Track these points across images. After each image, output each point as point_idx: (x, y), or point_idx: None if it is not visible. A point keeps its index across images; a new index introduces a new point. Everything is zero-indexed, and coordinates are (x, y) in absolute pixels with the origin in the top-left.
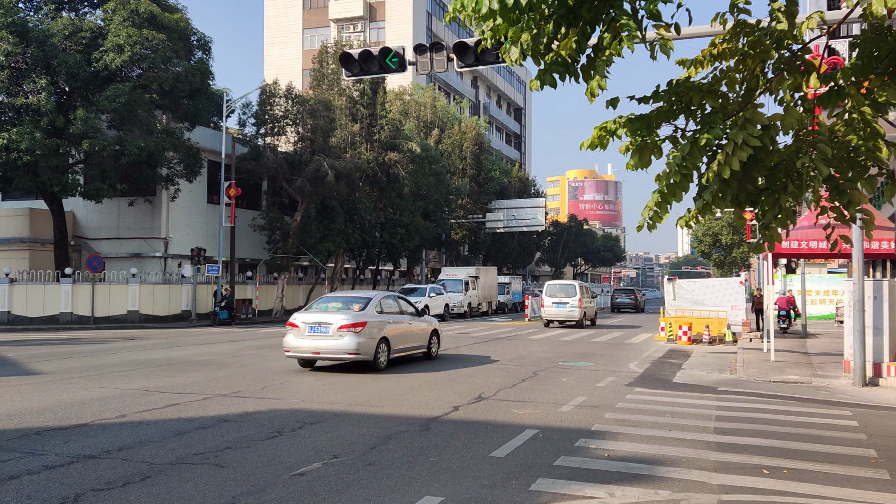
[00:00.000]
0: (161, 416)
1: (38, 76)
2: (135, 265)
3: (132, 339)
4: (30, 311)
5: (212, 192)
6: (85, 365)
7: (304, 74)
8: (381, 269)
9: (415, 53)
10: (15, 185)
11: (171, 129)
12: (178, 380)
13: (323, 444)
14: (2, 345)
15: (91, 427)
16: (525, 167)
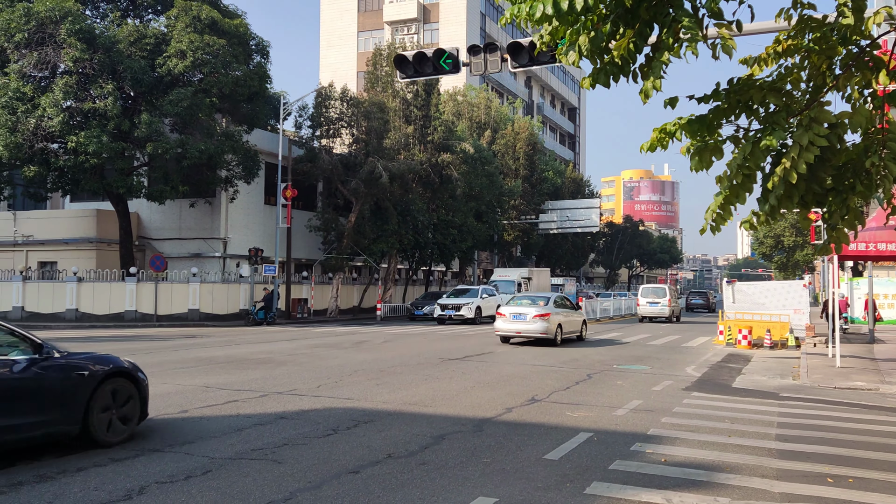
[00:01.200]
0: (221, 412)
1: (105, 82)
2: (195, 265)
3: (193, 336)
4: (97, 308)
5: (269, 193)
6: (149, 361)
7: (359, 77)
8: (434, 270)
9: (468, 54)
10: (83, 186)
11: (231, 132)
12: (236, 377)
13: (377, 442)
14: (70, 341)
15: (155, 421)
16: (579, 167)
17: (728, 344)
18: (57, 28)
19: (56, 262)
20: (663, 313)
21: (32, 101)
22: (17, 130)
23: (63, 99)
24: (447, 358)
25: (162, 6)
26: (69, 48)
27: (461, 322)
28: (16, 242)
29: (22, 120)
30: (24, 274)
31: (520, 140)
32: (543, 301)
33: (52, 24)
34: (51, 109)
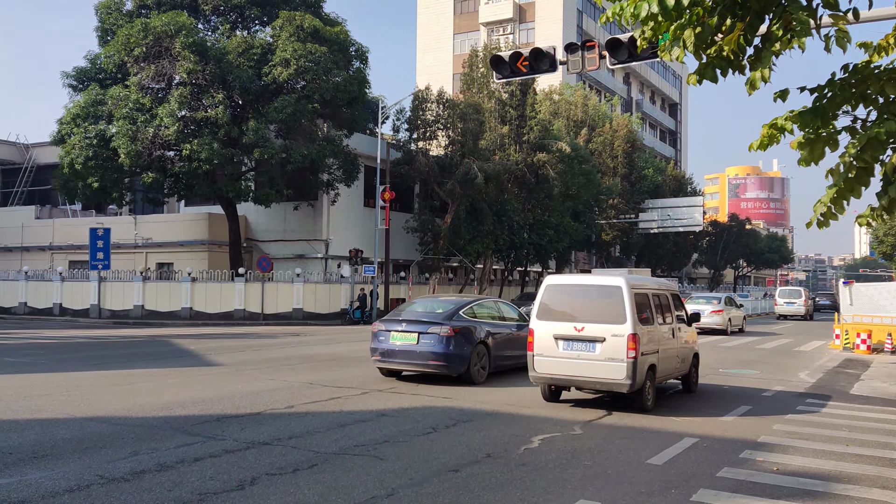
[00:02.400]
0: (325, 409)
1: (216, 91)
2: (299, 265)
3: (297, 335)
4: (209, 307)
5: (368, 195)
6: (256, 358)
7: (455, 79)
8: (530, 271)
9: (565, 52)
10: (196, 191)
11: (332, 136)
12: (338, 374)
13: (476, 442)
14: (185, 338)
15: (263, 416)
16: (680, 165)
17: (845, 348)
18: (172, 42)
19: (172, 263)
20: (799, 311)
21: (150, 112)
22: (137, 139)
23: (178, 109)
24: None
25: (268, 17)
26: (183, 60)
27: None
28: (136, 245)
29: (141, 129)
30: (144, 274)
31: (618, 138)
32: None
33: (168, 38)
34: (167, 119)
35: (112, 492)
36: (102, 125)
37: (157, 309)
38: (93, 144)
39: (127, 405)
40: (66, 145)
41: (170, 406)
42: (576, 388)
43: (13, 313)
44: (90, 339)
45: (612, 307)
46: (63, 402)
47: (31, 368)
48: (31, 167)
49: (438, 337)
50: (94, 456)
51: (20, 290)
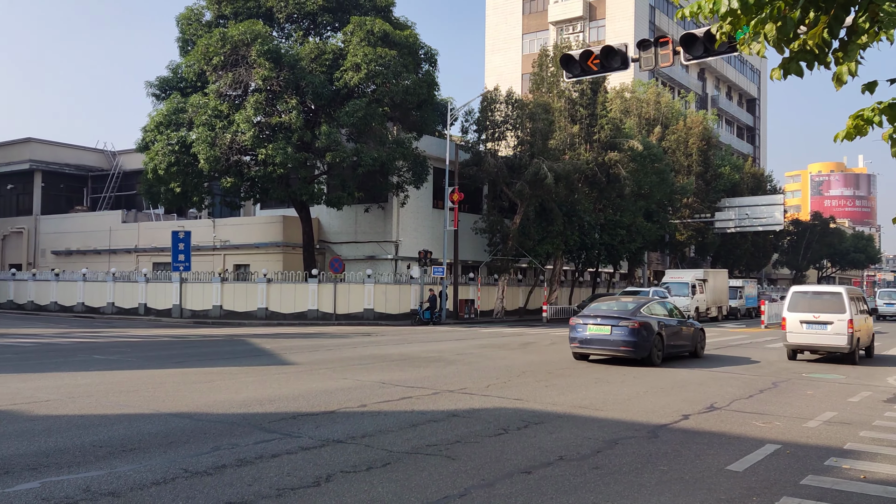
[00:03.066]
0: (396, 408)
1: (290, 97)
2: (369, 266)
3: (368, 335)
4: (283, 307)
5: (437, 197)
6: (330, 357)
7: (524, 79)
8: (601, 272)
9: (638, 49)
10: (271, 195)
11: (401, 139)
12: (409, 374)
13: (548, 444)
14: (261, 338)
15: (337, 414)
16: (759, 162)
17: None
18: (248, 50)
19: (248, 264)
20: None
21: (228, 118)
22: (215, 145)
23: (254, 115)
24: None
25: (339, 23)
26: (259, 68)
27: None
28: (215, 247)
29: (219, 136)
30: (222, 276)
31: (692, 135)
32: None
33: (244, 47)
34: (244, 125)
35: (196, 485)
36: (183, 132)
37: (235, 309)
38: (174, 151)
39: (208, 402)
40: (150, 152)
41: (248, 403)
42: (810, 351)
43: (102, 313)
44: (172, 338)
45: (837, 304)
46: (149, 398)
47: (119, 366)
48: (118, 173)
49: (628, 329)
50: (178, 450)
51: (108, 291)
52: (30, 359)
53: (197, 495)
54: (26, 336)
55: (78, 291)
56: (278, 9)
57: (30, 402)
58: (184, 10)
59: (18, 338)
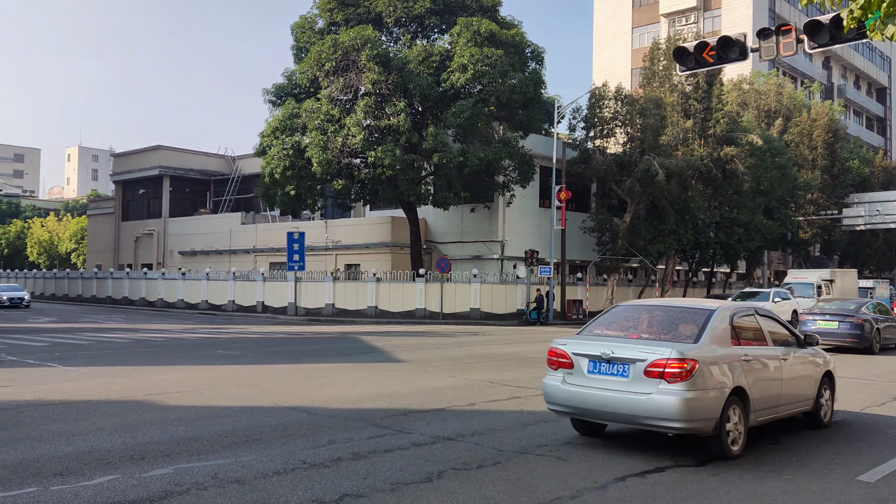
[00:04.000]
0: (505, 408)
1: (398, 100)
2: (475, 266)
3: (475, 334)
4: (392, 306)
5: (543, 196)
6: (438, 356)
7: (633, 74)
8: (716, 272)
9: (757, 39)
10: (380, 196)
11: (507, 138)
12: (517, 374)
13: (664, 448)
14: (371, 335)
15: (447, 412)
16: (891, 155)
17: None
18: (358, 55)
19: (359, 264)
20: None
21: (339, 122)
22: (327, 149)
23: (363, 118)
24: None
25: (446, 25)
26: (368, 72)
27: None
28: (327, 247)
29: (331, 139)
30: (334, 275)
31: (817, 127)
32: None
33: (355, 52)
34: (354, 128)
35: (314, 476)
36: (297, 137)
37: (346, 307)
38: (289, 155)
39: (323, 397)
40: (267, 157)
41: (360, 399)
42: None
43: (224, 310)
44: (288, 335)
45: None
46: (268, 392)
47: (240, 360)
48: (237, 177)
49: (853, 324)
50: (296, 442)
51: (229, 290)
52: (161, 353)
53: (315, 486)
54: (157, 331)
55: (202, 290)
56: (387, 13)
57: (162, 392)
58: (298, 19)
59: (151, 333)
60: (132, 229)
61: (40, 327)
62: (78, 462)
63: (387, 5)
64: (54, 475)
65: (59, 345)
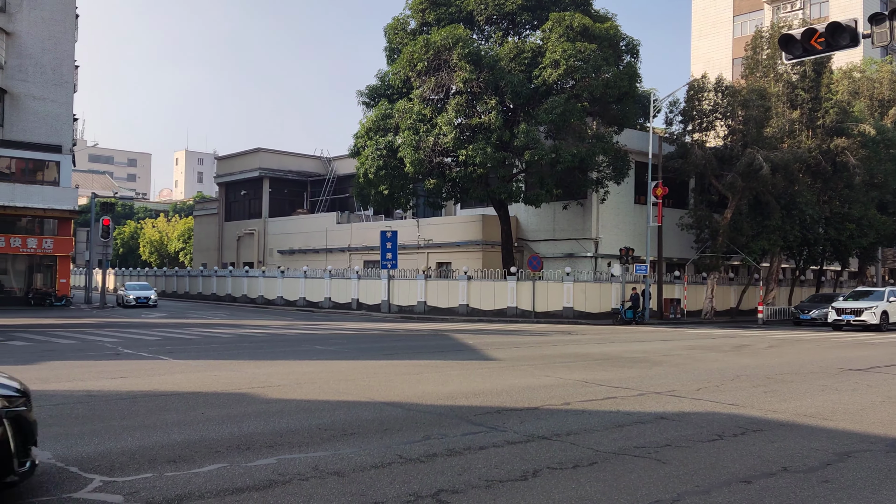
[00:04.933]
0: (600, 408)
1: (489, 98)
2: (568, 264)
3: (568, 333)
4: (483, 304)
5: (638, 192)
6: (530, 354)
7: (734, 64)
8: (826, 270)
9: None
10: (471, 194)
11: (601, 134)
12: (612, 374)
13: (769, 453)
14: (463, 333)
15: (541, 411)
16: None
17: None
18: (450, 54)
19: (450, 262)
20: None
21: (431, 122)
22: (419, 148)
23: (455, 117)
24: (847, 368)
25: (538, 21)
26: (460, 71)
27: (862, 328)
28: (419, 246)
29: (423, 139)
30: (426, 273)
31: None
32: None
33: (446, 51)
34: (445, 127)
35: (410, 471)
36: (390, 137)
37: (438, 305)
38: (382, 155)
39: (417, 393)
40: (361, 157)
41: (454, 396)
42: None
43: (320, 307)
44: (382, 332)
45: None
46: (364, 387)
47: (337, 356)
48: (333, 178)
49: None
50: (392, 437)
51: (325, 287)
52: (262, 347)
53: (412, 480)
54: (258, 327)
55: (300, 287)
56: (478, 11)
57: (264, 386)
58: (390, 21)
59: (252, 328)
60: (234, 229)
61: (152, 322)
62: (189, 450)
63: (478, 3)
64: (168, 462)
65: (170, 339)
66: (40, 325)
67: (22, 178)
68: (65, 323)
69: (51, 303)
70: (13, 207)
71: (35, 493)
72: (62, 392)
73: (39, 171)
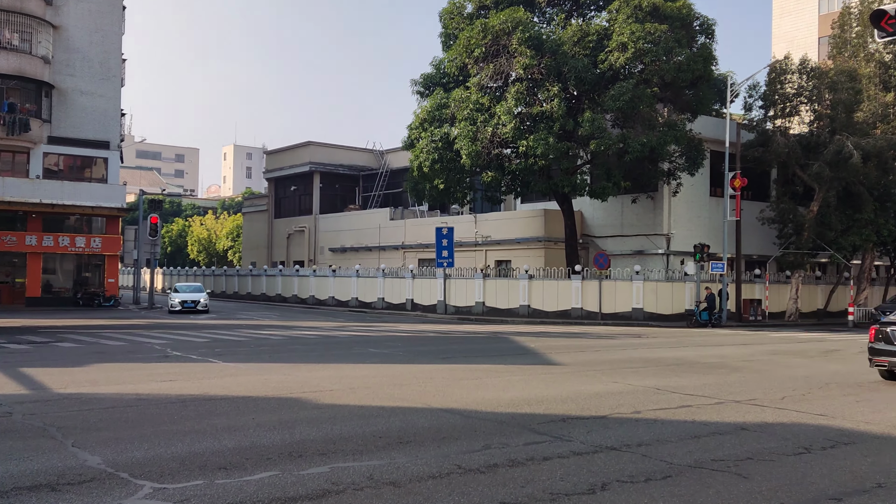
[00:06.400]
0: (674, 417)
1: (551, 84)
2: (637, 262)
3: (638, 336)
4: (546, 305)
5: (714, 184)
6: (597, 359)
7: (820, 44)
8: None
9: None
10: (532, 188)
11: (673, 121)
12: (687, 381)
13: (862, 468)
14: (524, 335)
15: (609, 420)
16: None
17: None
18: (509, 39)
19: (510, 260)
20: None
21: (489, 111)
22: (477, 140)
23: (514, 106)
24: None
25: (604, 1)
26: (520, 56)
27: None
28: (476, 243)
29: (481, 129)
30: (484, 272)
31: None
32: None
33: (505, 36)
34: (504, 117)
35: (469, 482)
36: (446, 128)
37: (496, 306)
38: (438, 147)
39: (476, 399)
40: (415, 149)
41: (516, 403)
42: None
43: (373, 308)
44: (438, 334)
45: None
46: (420, 392)
47: (391, 359)
48: (386, 172)
49: None
50: (450, 446)
51: (378, 287)
52: (314, 350)
53: (471, 492)
54: (310, 329)
55: (352, 287)
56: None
57: (316, 391)
58: (446, 5)
59: (303, 330)
60: (284, 226)
61: (201, 323)
62: (240, 457)
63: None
64: (219, 469)
65: (219, 341)
66: (89, 327)
67: (70, 175)
68: (113, 324)
69: (99, 303)
70: (61, 206)
71: (85, 498)
72: (112, 395)
73: (87, 168)
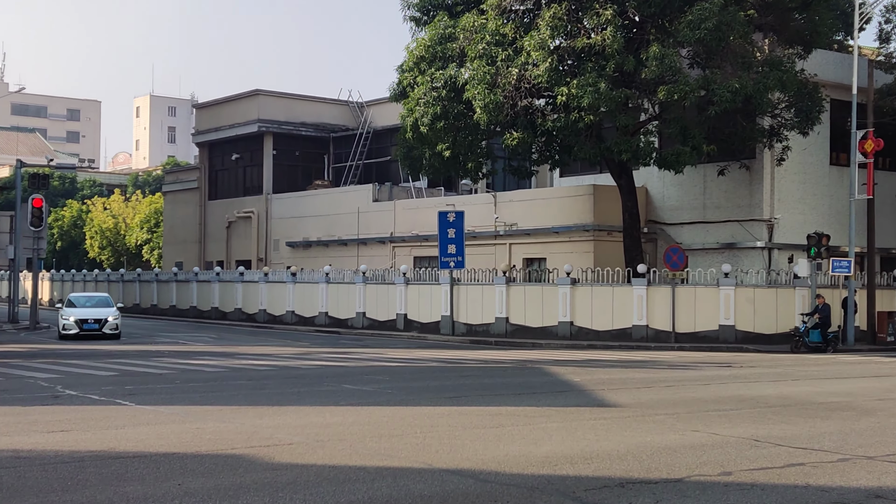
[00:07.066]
0: (780, 480)
1: (602, 7)
2: (726, 259)
3: (727, 365)
4: (595, 322)
5: (836, 148)
6: (669, 398)
7: None
8: None
9: None
10: (575, 154)
11: (776, 58)
12: (798, 428)
13: None
14: (565, 365)
15: (686, 484)
16: None
17: None
18: None
19: (544, 258)
20: None
21: (514, 46)
22: (496, 86)
23: (550, 38)
24: None
25: None
26: None
27: None
28: (496, 233)
29: (502, 71)
30: (508, 275)
31: None
32: None
33: None
34: (536, 53)
35: None
36: (453, 69)
37: (525, 323)
38: (441, 97)
39: (496, 456)
40: (409, 101)
41: (553, 461)
42: None
43: (350, 326)
44: (442, 363)
45: None
46: (417, 446)
47: (375, 400)
48: (367, 133)
49: None
50: None
51: (358, 297)
52: (266, 387)
53: None
54: (260, 356)
55: (319, 297)
56: None
57: (269, 444)
58: None
59: (251, 358)
60: (223, 211)
61: (106, 350)
62: None
63: None
64: None
65: (131, 374)
66: None
67: None
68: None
69: None
70: None
71: None
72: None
73: None
